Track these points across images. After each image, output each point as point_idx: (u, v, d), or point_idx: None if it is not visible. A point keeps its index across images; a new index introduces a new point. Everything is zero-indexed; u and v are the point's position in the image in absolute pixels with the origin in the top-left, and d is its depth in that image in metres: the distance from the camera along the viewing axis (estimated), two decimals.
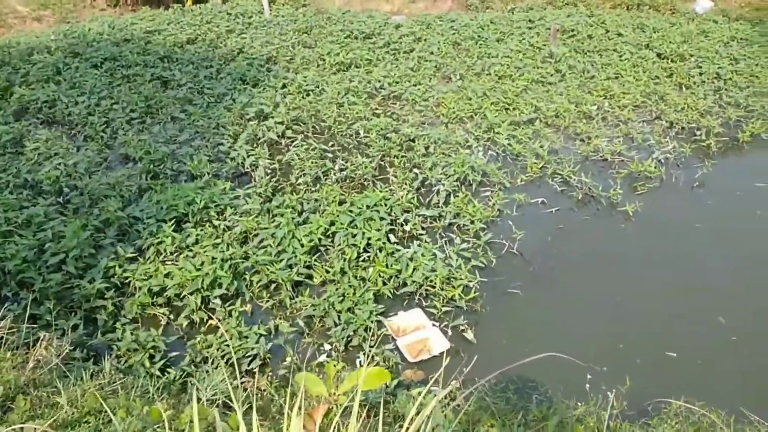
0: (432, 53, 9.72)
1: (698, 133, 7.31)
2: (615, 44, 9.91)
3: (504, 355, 4.24)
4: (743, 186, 6.42)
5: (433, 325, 4.50)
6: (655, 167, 6.51)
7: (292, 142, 7.04)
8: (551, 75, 8.85)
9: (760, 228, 5.71)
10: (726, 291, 4.87)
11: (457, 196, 5.98)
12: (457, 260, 5.05)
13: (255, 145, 6.97)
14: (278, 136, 7.13)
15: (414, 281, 4.79)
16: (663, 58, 9.51)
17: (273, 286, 4.80)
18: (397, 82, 8.64)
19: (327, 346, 4.26)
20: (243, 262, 4.89)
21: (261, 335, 4.20)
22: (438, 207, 5.89)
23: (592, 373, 3.99)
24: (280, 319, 4.47)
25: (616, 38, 10.19)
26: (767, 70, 9.01)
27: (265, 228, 5.29)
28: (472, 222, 5.63)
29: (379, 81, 8.59)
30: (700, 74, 8.87)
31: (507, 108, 7.89)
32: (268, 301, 4.67)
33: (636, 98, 8.08)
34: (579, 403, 3.58)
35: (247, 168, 6.52)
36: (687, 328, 4.49)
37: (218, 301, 4.53)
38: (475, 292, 4.78)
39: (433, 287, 4.77)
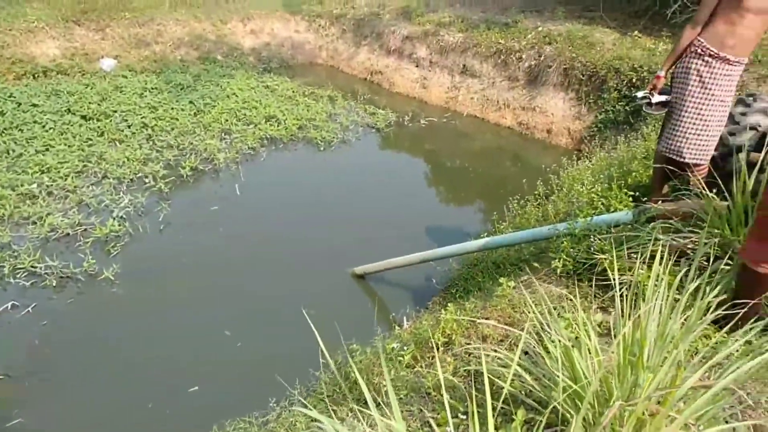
0: None
1: (147, 180, 7.79)
2: (33, 116, 9.29)
3: None
4: (202, 213, 7.26)
5: None
6: (119, 225, 6.60)
7: None
8: None
9: (226, 244, 6.60)
10: (223, 306, 5.48)
11: None
12: None
13: None
14: None
15: None
16: (88, 119, 9.55)
17: None
18: None
19: None
20: None
21: None
22: None
23: None
24: None
25: (33, 109, 9.55)
26: (182, 111, 10.35)
27: None
28: None
29: None
30: (129, 127, 9.40)
31: None
32: None
33: (75, 165, 7.88)
34: None
35: None
36: (202, 356, 4.85)
37: None
38: None
39: None
